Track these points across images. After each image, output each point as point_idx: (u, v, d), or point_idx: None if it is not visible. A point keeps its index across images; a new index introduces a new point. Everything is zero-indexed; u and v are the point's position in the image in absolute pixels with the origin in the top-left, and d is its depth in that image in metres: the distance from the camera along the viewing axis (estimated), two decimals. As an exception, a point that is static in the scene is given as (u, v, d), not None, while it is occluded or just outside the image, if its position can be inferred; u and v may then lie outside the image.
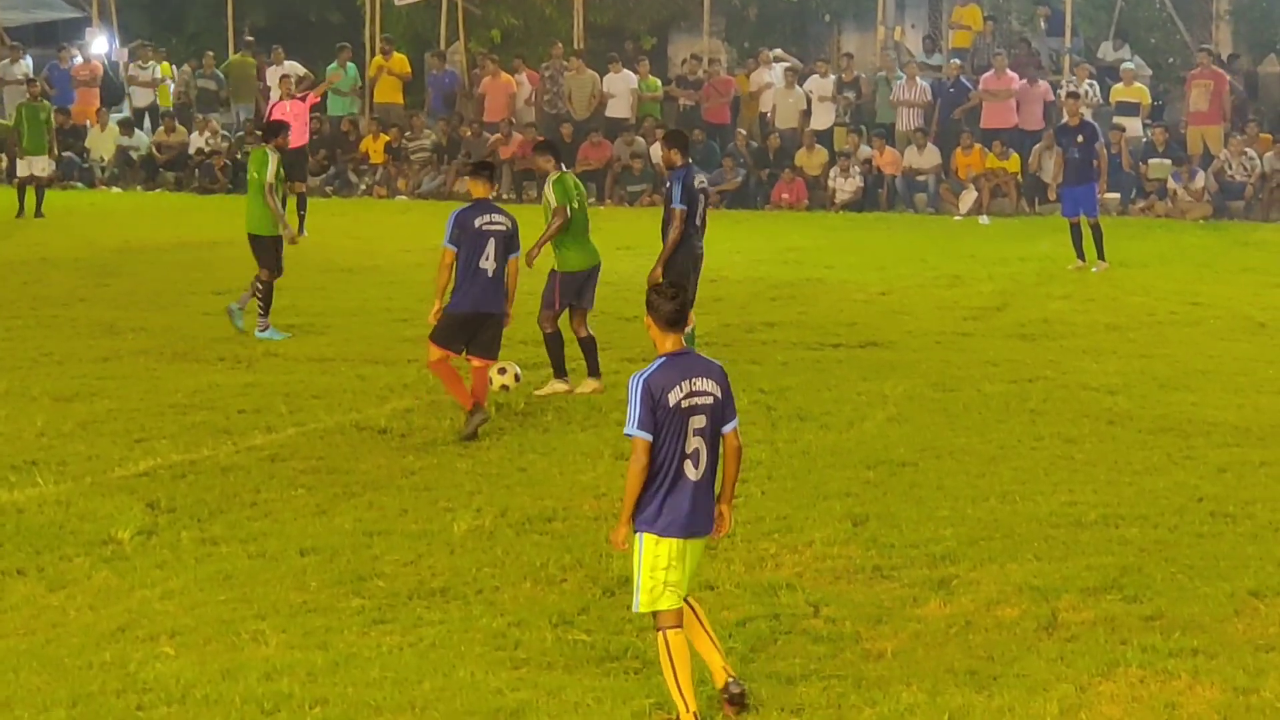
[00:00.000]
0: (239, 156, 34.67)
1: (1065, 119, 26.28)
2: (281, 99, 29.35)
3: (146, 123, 37.44)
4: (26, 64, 37.61)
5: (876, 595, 10.87)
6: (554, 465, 14.05)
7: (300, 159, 28.36)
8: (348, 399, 16.37)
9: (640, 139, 33.96)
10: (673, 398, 8.92)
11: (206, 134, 36.13)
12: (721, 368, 9.15)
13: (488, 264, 15.09)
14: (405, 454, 14.48)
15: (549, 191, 16.71)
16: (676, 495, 8.99)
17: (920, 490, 13.15)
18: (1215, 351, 18.64)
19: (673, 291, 9.12)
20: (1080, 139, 25.09)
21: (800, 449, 14.43)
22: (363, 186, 35.22)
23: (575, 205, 16.61)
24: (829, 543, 11.85)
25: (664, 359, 9.04)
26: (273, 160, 19.38)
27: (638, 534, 9.05)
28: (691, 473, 9.00)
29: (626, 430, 8.95)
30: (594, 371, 16.86)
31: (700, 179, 17.31)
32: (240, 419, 15.53)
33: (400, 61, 35.99)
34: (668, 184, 17.25)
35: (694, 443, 8.99)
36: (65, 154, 34.85)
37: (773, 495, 13.05)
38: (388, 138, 35.08)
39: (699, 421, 8.98)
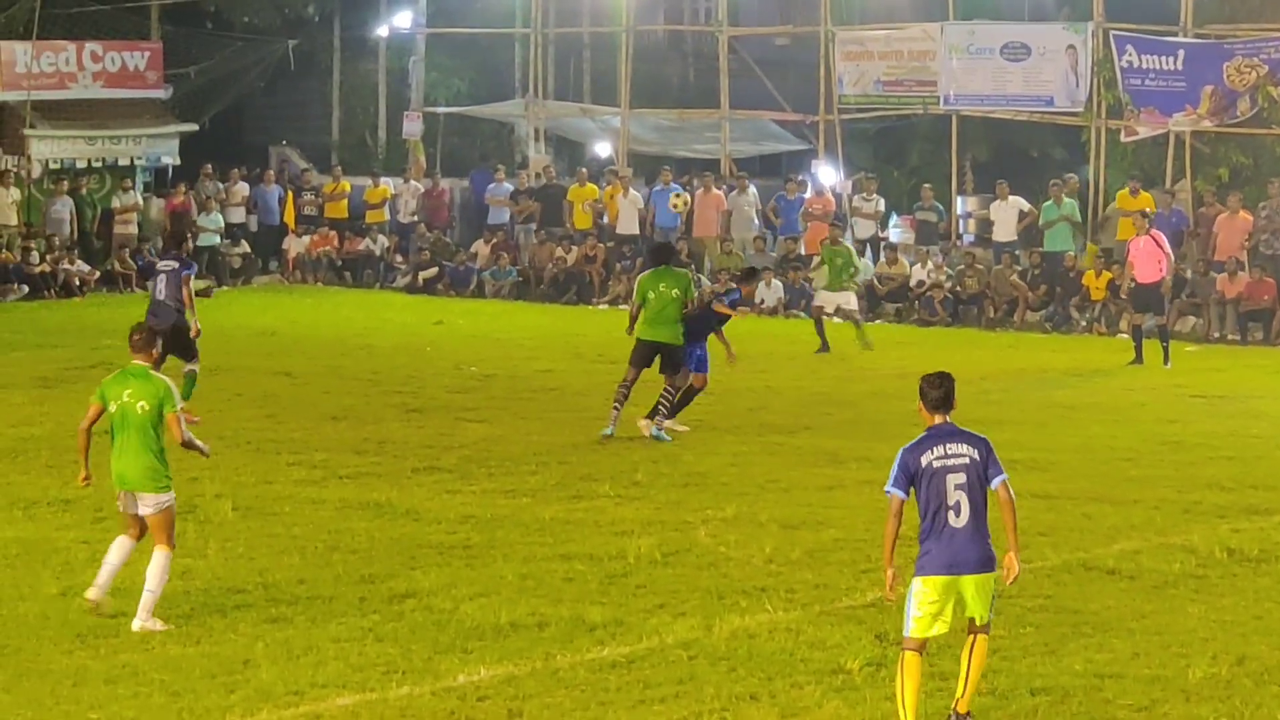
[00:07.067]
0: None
1: None
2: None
3: (868, 253, 37.72)
4: (752, 193, 38.85)
5: None
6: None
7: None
8: (1074, 537, 16.11)
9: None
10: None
11: (929, 266, 36.39)
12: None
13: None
14: (1134, 596, 14.14)
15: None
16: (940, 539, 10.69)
17: None
18: None
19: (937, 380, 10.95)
20: None
21: None
22: (1082, 323, 34.71)
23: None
24: None
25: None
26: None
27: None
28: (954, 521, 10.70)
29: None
30: None
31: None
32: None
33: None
34: None
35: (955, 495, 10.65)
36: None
37: None
38: (1110, 275, 34.35)
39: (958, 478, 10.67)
